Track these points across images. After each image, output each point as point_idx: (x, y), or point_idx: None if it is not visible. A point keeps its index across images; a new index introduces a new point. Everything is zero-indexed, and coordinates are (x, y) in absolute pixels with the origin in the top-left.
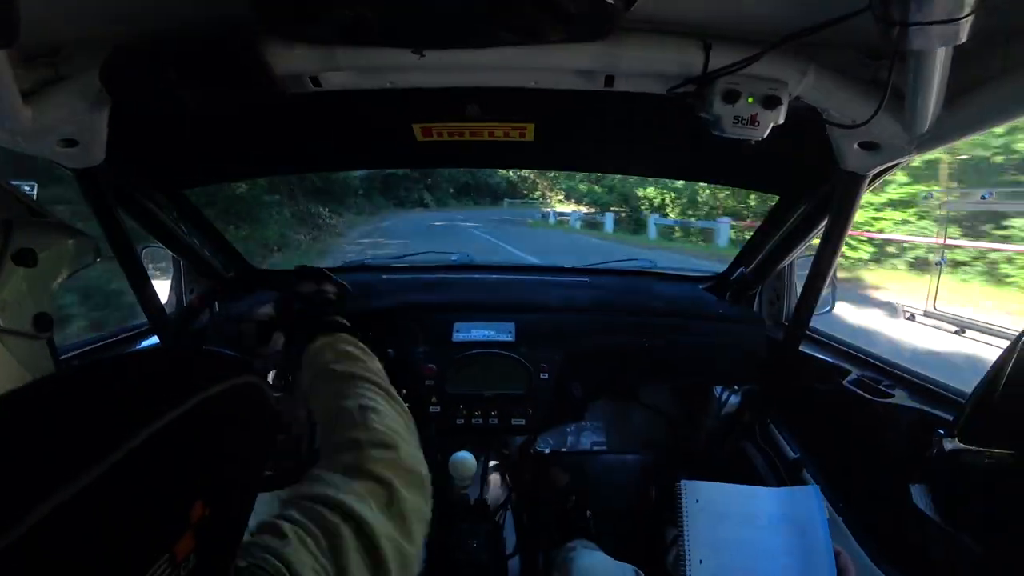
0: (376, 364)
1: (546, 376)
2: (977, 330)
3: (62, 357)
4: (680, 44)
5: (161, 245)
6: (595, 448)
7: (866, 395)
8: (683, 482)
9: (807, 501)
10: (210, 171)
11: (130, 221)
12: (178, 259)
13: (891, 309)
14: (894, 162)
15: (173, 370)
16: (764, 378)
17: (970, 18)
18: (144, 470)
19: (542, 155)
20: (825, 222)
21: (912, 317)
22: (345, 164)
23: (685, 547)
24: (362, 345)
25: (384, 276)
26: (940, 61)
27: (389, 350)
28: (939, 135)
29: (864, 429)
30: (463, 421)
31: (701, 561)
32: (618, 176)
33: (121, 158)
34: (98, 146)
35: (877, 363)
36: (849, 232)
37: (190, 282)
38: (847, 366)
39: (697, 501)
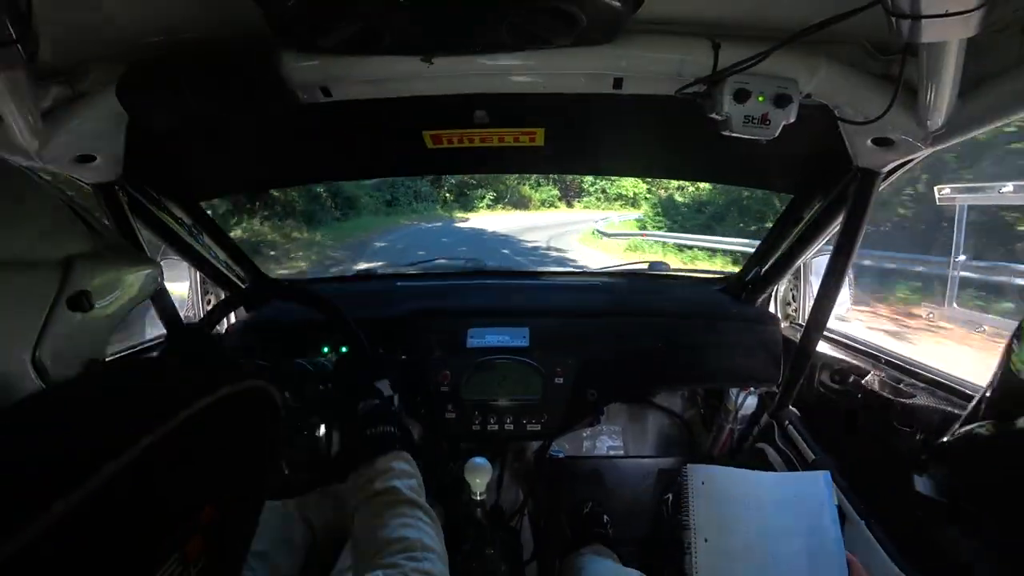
0: (418, 479)
1: (561, 381)
2: None
3: None
4: (688, 44)
5: (178, 256)
6: (612, 453)
7: (886, 395)
8: (688, 466)
9: (815, 485)
10: (225, 182)
11: (147, 233)
12: (195, 270)
13: None
14: (908, 157)
15: (183, 376)
16: (781, 379)
17: (982, 9)
18: (156, 470)
19: (553, 160)
20: (840, 220)
21: None
22: (357, 173)
23: (691, 527)
24: (411, 460)
25: (397, 283)
26: (953, 54)
27: (403, 356)
28: (954, 129)
29: (885, 430)
30: (478, 427)
31: (707, 540)
32: None
33: (138, 171)
34: (115, 161)
35: (897, 363)
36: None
37: (205, 292)
38: (866, 366)
39: (703, 483)
